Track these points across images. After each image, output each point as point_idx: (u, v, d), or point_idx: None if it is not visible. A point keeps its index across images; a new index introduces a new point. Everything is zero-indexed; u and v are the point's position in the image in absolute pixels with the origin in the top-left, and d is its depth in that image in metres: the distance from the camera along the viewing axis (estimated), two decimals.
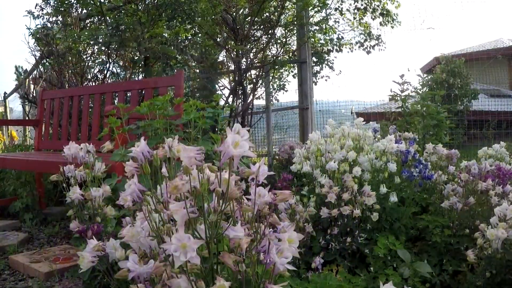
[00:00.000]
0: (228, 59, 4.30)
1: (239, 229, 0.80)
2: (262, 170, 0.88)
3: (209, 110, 2.37)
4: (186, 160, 0.83)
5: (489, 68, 10.36)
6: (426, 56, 16.69)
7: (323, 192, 1.85)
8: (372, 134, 2.09)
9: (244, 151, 0.80)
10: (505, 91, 13.02)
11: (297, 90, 4.76)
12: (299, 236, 0.88)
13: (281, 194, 0.88)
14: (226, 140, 0.80)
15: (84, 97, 3.98)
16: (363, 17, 8.44)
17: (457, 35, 28.32)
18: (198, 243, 0.78)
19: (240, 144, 0.80)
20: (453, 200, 1.96)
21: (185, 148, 0.84)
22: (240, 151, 0.81)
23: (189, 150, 0.83)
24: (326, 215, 1.87)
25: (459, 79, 11.69)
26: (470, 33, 30.82)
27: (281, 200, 0.87)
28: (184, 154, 0.82)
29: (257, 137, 5.24)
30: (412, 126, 4.02)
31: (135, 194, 0.98)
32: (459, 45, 23.92)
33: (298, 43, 4.64)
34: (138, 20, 4.35)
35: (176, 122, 2.35)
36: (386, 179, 1.98)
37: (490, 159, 3.14)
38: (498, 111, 8.85)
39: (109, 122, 2.37)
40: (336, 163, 1.87)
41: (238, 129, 0.80)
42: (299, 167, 2.09)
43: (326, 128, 2.16)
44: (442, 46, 22.71)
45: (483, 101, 10.41)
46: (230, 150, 0.81)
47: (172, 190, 0.82)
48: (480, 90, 10.95)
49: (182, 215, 0.81)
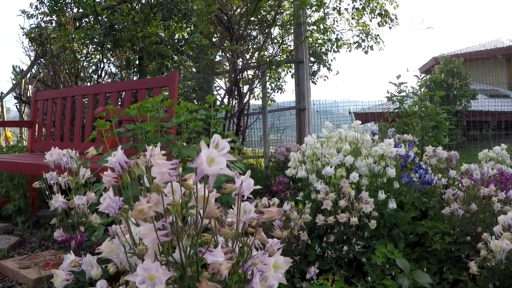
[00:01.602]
0: (223, 59, 4.22)
1: (219, 253, 0.71)
2: (246, 185, 0.79)
3: (201, 112, 2.29)
4: (158, 176, 0.74)
5: (488, 68, 10.30)
6: (426, 55, 16.64)
7: (319, 199, 1.77)
8: (370, 138, 2.01)
9: (221, 169, 0.71)
10: (504, 91, 12.99)
11: (294, 90, 4.68)
12: (287, 261, 0.79)
13: (267, 212, 0.79)
14: (200, 156, 0.71)
15: (77, 98, 3.91)
16: (361, 17, 8.39)
17: (456, 34, 28.32)
18: (167, 275, 0.69)
19: (216, 161, 0.71)
20: (454, 207, 1.88)
21: (156, 162, 0.75)
22: (215, 168, 0.71)
23: (161, 165, 0.74)
24: (322, 223, 1.80)
25: (458, 79, 11.65)
26: (469, 33, 30.83)
27: (267, 219, 0.79)
28: (155, 169, 0.74)
29: (253, 138, 5.16)
30: (410, 128, 3.95)
31: (111, 208, 0.89)
32: (458, 45, 23.89)
33: (295, 43, 4.56)
34: (132, 19, 4.27)
35: (167, 125, 2.27)
36: (385, 184, 1.90)
37: (490, 161, 3.07)
38: (498, 111, 8.79)
39: (97, 124, 2.29)
40: (332, 168, 1.79)
41: (217, 141, 0.71)
42: (294, 172, 2.01)
43: (323, 132, 2.08)
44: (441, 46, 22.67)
45: (482, 102, 10.36)
46: (204, 168, 0.72)
47: (137, 215, 0.73)
48: (479, 90, 10.91)
49: (152, 240, 0.72)
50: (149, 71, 4.88)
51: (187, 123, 2.34)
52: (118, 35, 4.63)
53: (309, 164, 2.00)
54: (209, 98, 2.36)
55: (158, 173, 0.73)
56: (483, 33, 18.20)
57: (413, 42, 15.19)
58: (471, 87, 11.09)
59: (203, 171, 0.71)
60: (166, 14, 4.63)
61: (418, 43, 24.13)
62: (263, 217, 0.79)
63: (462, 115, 9.14)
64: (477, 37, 35.90)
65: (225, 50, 3.65)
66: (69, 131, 3.85)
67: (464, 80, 11.46)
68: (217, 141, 0.70)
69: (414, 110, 3.82)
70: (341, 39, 8.26)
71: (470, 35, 28.56)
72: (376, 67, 13.85)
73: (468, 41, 25.40)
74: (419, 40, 22.07)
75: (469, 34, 17.64)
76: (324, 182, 1.83)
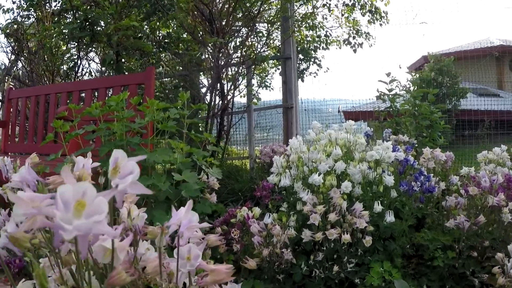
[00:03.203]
0: (204, 54, 3.95)
1: None
2: (186, 222, 0.54)
3: (173, 110, 2.03)
4: (24, 224, 0.45)
5: (478, 67, 10.21)
6: (418, 53, 16.51)
7: (305, 211, 1.52)
8: (364, 140, 1.75)
9: (96, 223, 0.40)
10: (493, 90, 12.98)
11: (281, 88, 4.42)
12: None
13: (213, 273, 0.53)
14: (56, 199, 0.39)
15: (51, 96, 3.64)
16: (351, 14, 8.20)
17: (450, 29, 28.31)
18: None
19: (90, 208, 0.39)
20: (460, 219, 1.64)
21: (19, 199, 0.45)
22: (83, 225, 0.39)
23: (25, 202, 0.43)
24: (309, 239, 1.54)
25: (448, 77, 11.56)
26: (459, 32, 30.93)
27: (214, 282, 0.53)
28: (19, 210, 0.44)
29: (238, 137, 4.90)
30: (403, 127, 3.73)
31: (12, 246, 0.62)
32: (448, 44, 23.83)
33: (282, 38, 4.30)
34: (107, 12, 3.98)
35: (134, 125, 2.00)
36: (381, 193, 1.65)
37: (491, 164, 2.87)
38: (488, 110, 8.68)
39: (54, 125, 2.02)
40: (321, 176, 1.53)
41: (117, 162, 0.44)
42: (276, 180, 1.75)
43: (310, 133, 1.82)
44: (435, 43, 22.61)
45: (472, 100, 10.27)
46: (59, 224, 0.40)
47: None
48: (469, 89, 10.84)
49: None
50: (128, 68, 4.61)
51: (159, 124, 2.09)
52: (95, 29, 4.37)
53: (294, 169, 1.75)
54: (182, 95, 2.10)
55: (24, 214, 0.44)
56: (473, 33, 18.10)
57: (405, 38, 15.08)
58: (461, 85, 11.02)
59: (59, 227, 0.41)
60: (150, 9, 4.38)
61: (410, 39, 24.00)
62: (208, 280, 0.53)
63: (452, 114, 8.99)
64: (467, 36, 36.08)
65: (206, 44, 3.38)
66: (42, 131, 3.59)
67: (454, 78, 11.38)
68: (118, 162, 0.43)
69: (407, 109, 3.60)
70: (330, 35, 8.06)
71: (460, 35, 28.56)
72: (366, 65, 13.68)
73: (458, 40, 25.43)
74: (411, 37, 21.97)
75: (459, 33, 17.59)
76: (312, 192, 1.58)
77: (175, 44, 4.81)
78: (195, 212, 0.63)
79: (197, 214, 0.56)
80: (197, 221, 0.56)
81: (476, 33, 27.39)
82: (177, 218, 0.54)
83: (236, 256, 1.77)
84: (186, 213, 0.54)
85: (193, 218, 0.54)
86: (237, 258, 1.80)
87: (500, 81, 14.45)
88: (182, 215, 0.53)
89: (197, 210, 2.05)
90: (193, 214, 0.55)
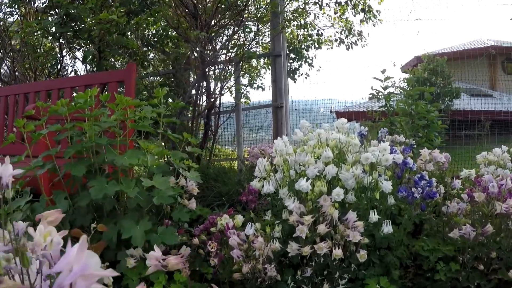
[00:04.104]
0: (190, 50, 3.76)
1: None
2: (78, 269, 0.34)
3: (147, 108, 1.83)
4: None
5: (470, 67, 10.16)
6: (411, 53, 16.41)
7: (291, 222, 1.33)
8: (358, 141, 1.56)
9: None
10: (486, 90, 13.01)
11: (271, 86, 4.24)
12: None
13: None
14: None
15: (30, 96, 3.44)
16: (343, 13, 8.06)
17: (443, 28, 28.31)
18: None
19: None
20: (466, 230, 1.46)
21: None
22: None
23: None
24: (296, 253, 1.36)
25: (441, 77, 11.51)
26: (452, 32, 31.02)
27: None
28: None
29: (226, 138, 4.70)
30: (398, 127, 3.56)
31: None
32: (441, 44, 23.76)
33: (271, 34, 4.12)
34: (87, 6, 3.77)
35: (104, 125, 1.80)
36: (377, 200, 1.47)
37: (491, 166, 2.71)
38: (481, 111, 8.61)
39: (16, 125, 1.82)
40: (309, 181, 1.35)
41: None
42: (258, 186, 1.56)
43: (296, 133, 1.63)
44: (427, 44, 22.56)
45: (465, 100, 10.24)
46: None
47: None
48: (462, 89, 10.82)
49: None
50: (112, 66, 4.40)
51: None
52: (78, 26, 4.18)
53: (280, 173, 1.56)
54: (157, 92, 1.90)
55: None
56: (465, 33, 18.09)
57: (399, 38, 14.93)
58: (454, 85, 11.01)
59: None
60: (138, 7, 4.20)
61: (404, 39, 23.88)
62: None
63: (445, 114, 8.88)
64: (460, 37, 36.20)
65: (190, 39, 3.18)
66: (12, 131, 3.36)
67: (447, 78, 11.35)
68: None
69: (402, 108, 3.44)
70: (322, 34, 7.91)
71: (453, 35, 28.59)
72: (359, 65, 13.52)
73: (451, 41, 25.41)
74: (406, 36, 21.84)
75: (452, 33, 17.43)
76: (299, 199, 1.39)
77: (163, 42, 4.63)
78: (171, 219, 0.45)
79: (97, 257, 0.38)
80: (98, 265, 0.37)
81: (469, 33, 27.40)
82: (66, 261, 0.35)
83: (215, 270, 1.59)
84: (79, 254, 0.35)
85: (90, 262, 0.35)
86: (216, 272, 1.62)
87: (493, 82, 14.49)
88: (73, 257, 0.35)
89: (174, 217, 1.87)
90: (92, 256, 0.36)
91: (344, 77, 11.23)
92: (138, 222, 1.61)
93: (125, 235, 1.60)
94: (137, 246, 1.60)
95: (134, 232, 1.59)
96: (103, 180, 1.72)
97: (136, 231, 1.59)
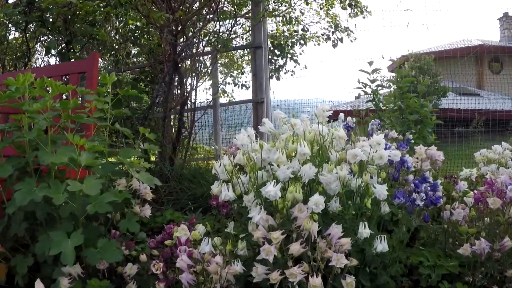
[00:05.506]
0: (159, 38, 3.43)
1: None
2: None
3: (90, 97, 1.50)
4: None
5: (458, 66, 10.10)
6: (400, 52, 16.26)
7: (255, 238, 1.01)
8: (344, 133, 1.22)
9: None
10: (473, 89, 13.08)
11: (251, 80, 3.92)
12: None
13: None
14: None
15: None
16: (330, 8, 7.82)
17: (432, 24, 28.34)
18: None
19: None
20: (481, 245, 1.16)
21: None
22: None
23: None
24: (263, 277, 1.04)
25: (428, 76, 11.39)
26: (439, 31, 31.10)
27: None
28: None
29: (204, 136, 4.38)
30: (387, 123, 3.27)
31: None
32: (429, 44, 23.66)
33: (251, 23, 3.81)
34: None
35: (40, 117, 1.46)
36: (368, 208, 1.15)
37: (492, 164, 2.46)
38: (466, 109, 8.52)
39: None
40: (278, 186, 1.02)
41: None
42: (216, 191, 1.24)
43: (265, 123, 1.30)
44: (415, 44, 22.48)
45: (452, 99, 10.23)
46: None
47: None
48: (449, 87, 10.82)
49: None
50: (76, 57, 4.07)
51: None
52: (44, 16, 3.86)
53: (246, 175, 1.24)
54: (103, 77, 1.57)
55: None
56: (452, 34, 18.06)
57: (387, 36, 14.67)
58: (441, 84, 10.99)
59: None
60: None
61: (393, 36, 23.66)
62: None
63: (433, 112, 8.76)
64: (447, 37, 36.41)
65: (155, 21, 2.86)
66: None
67: (434, 77, 11.27)
68: None
69: (392, 101, 3.15)
70: (308, 30, 7.65)
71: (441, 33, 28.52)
72: (348, 61, 13.23)
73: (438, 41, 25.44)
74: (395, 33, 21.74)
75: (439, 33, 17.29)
76: (267, 210, 1.07)
77: (142, 36, 4.36)
78: None
79: None
80: None
81: (456, 33, 27.39)
82: None
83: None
84: None
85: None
86: None
87: (480, 81, 14.56)
88: None
89: (121, 227, 1.54)
90: None
91: (331, 76, 10.96)
92: (71, 234, 1.29)
93: (53, 251, 1.27)
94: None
95: (64, 247, 1.27)
96: (32, 183, 1.39)
97: (67, 246, 1.27)
